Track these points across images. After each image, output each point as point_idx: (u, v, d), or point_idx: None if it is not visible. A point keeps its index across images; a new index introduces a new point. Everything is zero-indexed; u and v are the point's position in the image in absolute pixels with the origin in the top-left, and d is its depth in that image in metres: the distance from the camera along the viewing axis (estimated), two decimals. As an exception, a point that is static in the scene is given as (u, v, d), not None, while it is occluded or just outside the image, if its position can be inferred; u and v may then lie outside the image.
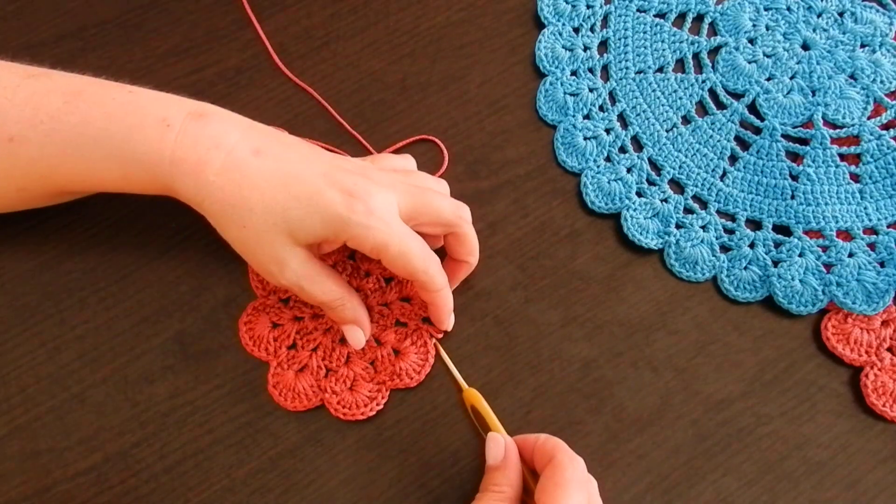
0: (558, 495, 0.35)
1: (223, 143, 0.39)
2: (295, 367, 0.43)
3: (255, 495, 0.41)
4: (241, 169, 0.38)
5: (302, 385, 0.43)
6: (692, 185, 0.48)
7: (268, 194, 0.38)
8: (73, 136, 0.39)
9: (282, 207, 0.38)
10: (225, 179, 0.38)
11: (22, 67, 0.41)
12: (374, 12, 0.53)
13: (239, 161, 0.38)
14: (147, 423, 0.43)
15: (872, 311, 0.45)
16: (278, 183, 0.38)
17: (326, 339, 0.44)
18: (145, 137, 0.38)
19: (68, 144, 0.39)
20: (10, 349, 0.44)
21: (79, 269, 0.45)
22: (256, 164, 0.39)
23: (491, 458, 0.39)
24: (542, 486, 0.36)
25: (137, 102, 0.39)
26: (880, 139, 0.48)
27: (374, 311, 0.44)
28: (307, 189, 0.39)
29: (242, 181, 0.38)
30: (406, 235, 0.40)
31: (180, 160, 0.38)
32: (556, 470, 0.36)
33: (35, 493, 0.41)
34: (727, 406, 0.44)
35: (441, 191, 0.45)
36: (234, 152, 0.39)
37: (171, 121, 0.39)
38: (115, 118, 0.39)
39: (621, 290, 0.46)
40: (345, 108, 0.50)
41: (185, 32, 0.52)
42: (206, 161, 0.38)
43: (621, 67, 0.51)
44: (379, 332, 0.44)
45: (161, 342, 0.44)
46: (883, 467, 0.42)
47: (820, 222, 0.47)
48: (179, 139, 0.38)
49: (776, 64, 0.51)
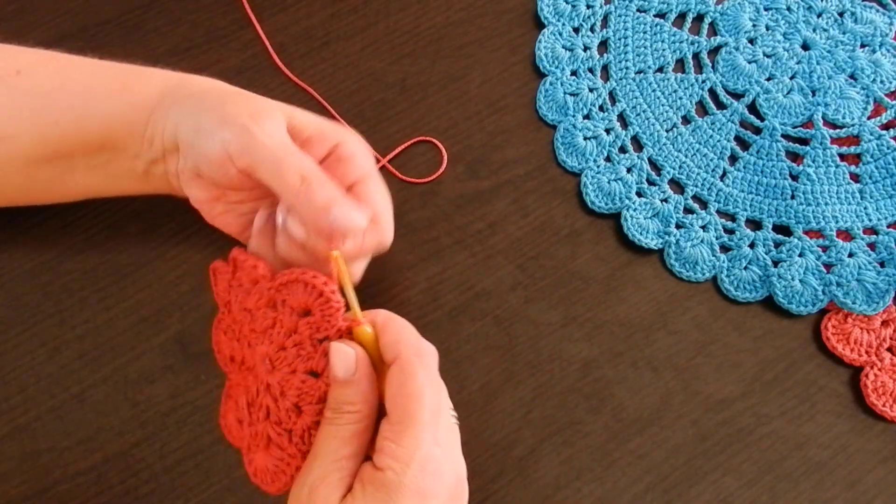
0: (410, 407, 0.32)
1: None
2: (262, 444, 0.36)
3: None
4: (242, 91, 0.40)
5: (273, 462, 0.36)
6: (692, 185, 0.48)
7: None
8: (84, 65, 0.41)
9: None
10: (221, 85, 0.40)
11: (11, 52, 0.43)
12: (374, 12, 0.53)
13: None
14: (147, 423, 0.43)
15: (872, 311, 0.45)
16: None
17: (269, 398, 0.36)
18: (159, 71, 0.41)
19: (76, 71, 0.40)
20: (10, 349, 0.44)
21: (79, 269, 0.45)
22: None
23: (340, 371, 0.34)
24: (390, 396, 0.33)
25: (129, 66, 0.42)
26: (880, 139, 0.48)
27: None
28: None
29: (241, 90, 0.40)
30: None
31: (186, 77, 0.40)
32: (405, 378, 0.33)
33: (35, 493, 0.41)
34: (727, 406, 0.44)
35: None
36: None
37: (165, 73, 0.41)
38: (103, 72, 0.41)
39: (621, 290, 0.46)
40: (345, 108, 0.50)
41: (185, 32, 0.52)
42: (198, 80, 0.40)
43: (621, 67, 0.51)
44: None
45: (161, 342, 0.44)
46: (883, 467, 0.42)
47: (820, 222, 0.47)
48: (172, 75, 0.40)
49: (776, 64, 0.51)
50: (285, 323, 0.36)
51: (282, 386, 0.36)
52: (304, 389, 0.35)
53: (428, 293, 0.44)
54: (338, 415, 0.34)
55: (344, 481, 0.33)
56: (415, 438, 0.32)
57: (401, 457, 0.32)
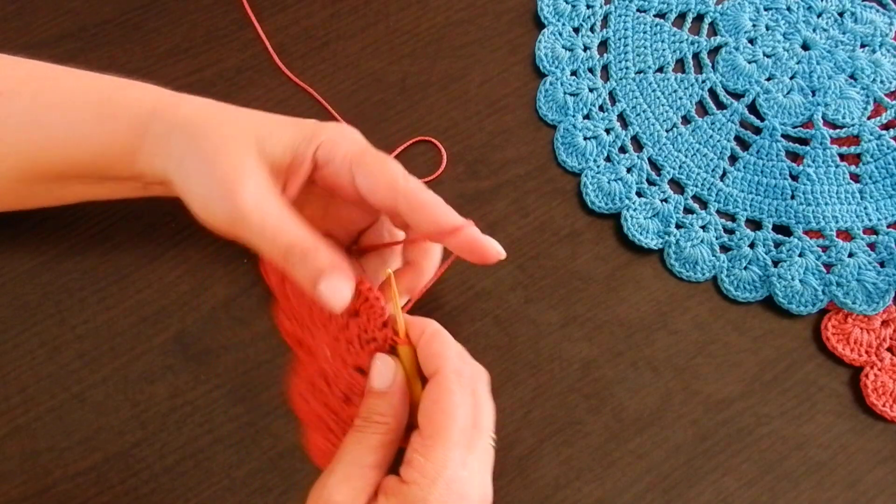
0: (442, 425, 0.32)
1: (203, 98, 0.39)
2: (318, 426, 0.39)
3: (255, 495, 0.41)
4: (222, 105, 0.38)
5: (328, 444, 0.38)
6: (692, 185, 0.48)
7: (245, 115, 0.38)
8: (58, 92, 0.38)
9: (256, 123, 0.37)
10: (203, 109, 0.38)
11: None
12: (374, 12, 0.53)
13: (222, 104, 0.38)
14: (147, 423, 0.43)
15: (872, 311, 0.45)
16: (259, 113, 0.38)
17: (324, 384, 0.39)
18: (138, 89, 0.39)
19: (51, 100, 0.38)
20: (10, 349, 0.44)
21: (79, 269, 0.45)
22: (239, 108, 0.38)
23: (378, 382, 0.34)
24: (425, 411, 0.33)
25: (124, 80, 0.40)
26: (880, 139, 0.48)
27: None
28: (287, 118, 0.38)
29: (221, 109, 0.38)
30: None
31: (164, 101, 0.38)
32: (441, 394, 0.33)
33: (35, 493, 0.41)
34: (727, 406, 0.44)
35: None
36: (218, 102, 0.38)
37: (168, 90, 0.39)
38: (110, 78, 0.39)
39: (621, 290, 0.46)
40: (345, 108, 0.50)
41: (185, 32, 0.52)
42: (190, 100, 0.38)
43: (621, 67, 0.51)
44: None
45: (161, 342, 0.44)
46: (883, 467, 0.42)
47: (820, 222, 0.47)
48: (170, 94, 0.39)
49: (776, 64, 0.51)
50: (338, 319, 0.37)
51: (335, 375, 0.38)
52: (351, 383, 0.37)
53: (428, 293, 0.43)
54: (367, 423, 0.34)
55: (365, 490, 0.33)
56: (444, 456, 0.32)
57: (428, 473, 0.32)
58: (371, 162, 0.37)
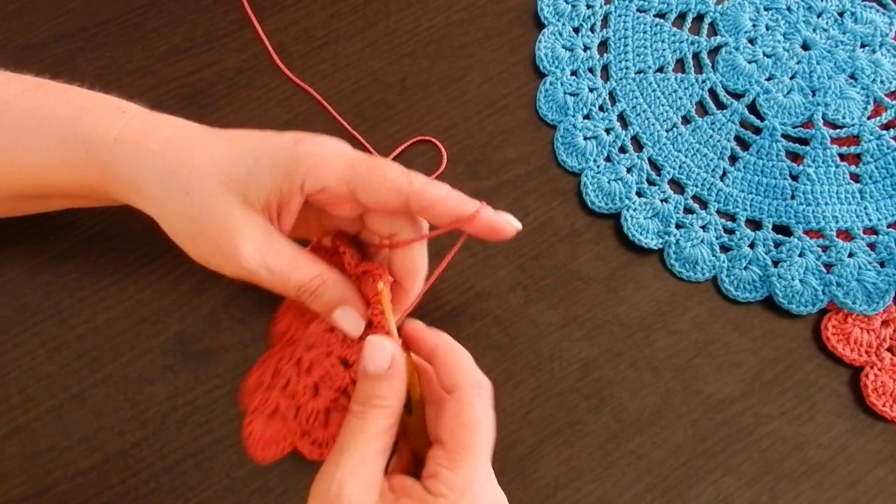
0: (468, 439, 0.33)
1: (174, 122, 0.37)
2: (267, 411, 0.38)
3: (255, 495, 0.41)
4: (187, 136, 0.36)
5: (271, 431, 0.38)
6: (692, 185, 0.48)
7: (214, 152, 0.35)
8: (21, 117, 0.37)
9: (228, 161, 0.35)
10: (168, 147, 0.35)
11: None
12: (374, 12, 0.53)
13: (186, 129, 0.36)
14: (147, 423, 0.43)
15: (872, 311, 0.45)
16: (225, 141, 0.36)
17: (294, 371, 0.38)
18: (95, 119, 0.36)
19: (13, 124, 0.37)
20: (10, 349, 0.44)
21: (79, 269, 0.45)
22: (204, 130, 0.36)
23: (373, 365, 0.34)
24: (447, 425, 0.33)
25: (101, 95, 0.38)
26: (880, 139, 0.48)
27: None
28: (255, 140, 0.36)
29: (185, 144, 0.35)
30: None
31: (125, 137, 0.36)
32: (463, 408, 0.33)
33: (35, 493, 0.41)
34: (727, 406, 0.44)
35: None
36: (182, 126, 0.37)
37: (128, 110, 0.37)
38: (70, 103, 0.37)
39: (621, 290, 0.46)
40: (345, 108, 0.50)
41: (185, 32, 0.52)
42: (151, 134, 0.36)
43: (621, 67, 0.51)
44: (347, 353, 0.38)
45: (161, 342, 0.44)
46: (883, 467, 0.42)
47: (820, 222, 0.47)
48: (129, 122, 0.36)
49: (776, 64, 0.51)
50: None
51: (311, 362, 0.37)
52: (330, 373, 0.36)
53: (428, 293, 0.43)
54: (366, 409, 0.34)
55: (374, 480, 0.33)
56: (471, 469, 0.33)
57: (457, 486, 0.32)
58: (368, 176, 0.35)
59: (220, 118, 0.49)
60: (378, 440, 0.33)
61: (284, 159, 0.35)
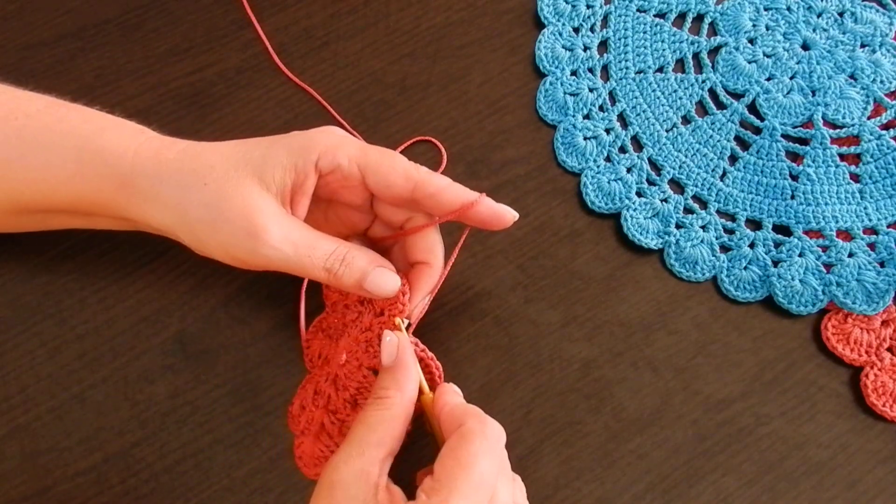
0: (456, 476, 0.31)
1: (186, 140, 0.39)
2: (313, 430, 0.40)
3: (255, 495, 0.41)
4: (200, 145, 0.38)
5: (320, 448, 0.39)
6: (692, 185, 0.48)
7: (226, 149, 0.37)
8: (42, 130, 0.38)
9: (243, 152, 0.37)
10: (184, 154, 0.37)
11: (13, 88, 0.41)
12: (374, 12, 0.53)
13: (200, 143, 0.38)
14: (147, 423, 0.43)
15: (872, 311, 0.45)
16: (238, 142, 0.38)
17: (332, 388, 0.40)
18: (117, 135, 0.38)
19: (34, 137, 0.38)
20: (10, 349, 0.44)
21: (79, 269, 0.45)
22: (220, 142, 0.38)
23: (386, 358, 0.36)
24: (442, 455, 0.33)
25: (120, 119, 0.39)
26: (880, 139, 0.48)
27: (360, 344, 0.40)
28: (267, 138, 0.38)
29: (199, 149, 0.37)
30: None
31: (144, 150, 0.37)
32: (462, 440, 0.33)
33: (35, 493, 0.41)
34: (727, 406, 0.44)
35: None
36: (195, 142, 0.38)
37: (146, 131, 0.39)
38: (92, 120, 0.38)
39: (621, 290, 0.46)
40: (345, 108, 0.50)
41: (185, 32, 0.52)
42: (168, 147, 0.38)
43: (621, 67, 0.51)
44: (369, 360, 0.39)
45: (161, 342, 0.44)
46: (883, 467, 0.42)
47: (820, 222, 0.47)
48: (147, 140, 0.38)
49: (776, 64, 0.51)
50: (364, 320, 0.39)
51: (346, 378, 0.38)
52: (363, 384, 0.38)
53: (428, 293, 0.43)
54: (370, 401, 0.35)
55: (366, 470, 0.33)
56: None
57: None
58: (379, 159, 0.37)
59: (220, 118, 0.49)
60: (374, 431, 0.34)
61: (299, 140, 0.37)
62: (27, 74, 0.50)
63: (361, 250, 0.37)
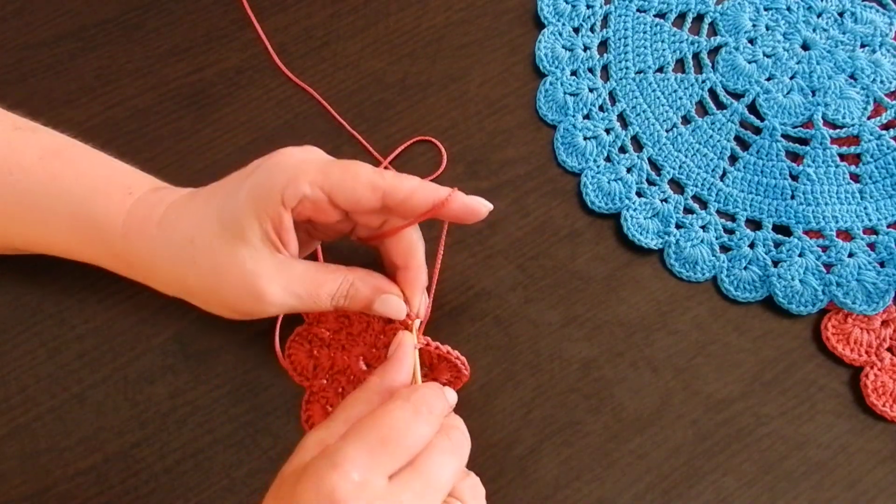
0: (366, 419, 0.33)
1: (167, 198, 0.39)
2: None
3: (255, 495, 0.41)
4: (175, 212, 0.38)
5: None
6: (692, 185, 0.48)
7: (199, 209, 0.37)
8: (37, 190, 0.39)
9: (215, 213, 0.36)
10: (166, 229, 0.38)
11: (10, 118, 0.42)
12: (374, 12, 0.53)
13: (174, 205, 0.38)
14: (147, 423, 0.43)
15: (872, 311, 0.45)
16: (204, 200, 0.37)
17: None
18: (106, 204, 0.39)
19: (30, 197, 0.39)
20: (10, 349, 0.44)
21: (79, 269, 0.45)
22: (188, 198, 0.38)
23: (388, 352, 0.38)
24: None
25: (112, 167, 0.40)
26: (880, 139, 0.48)
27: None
28: (228, 185, 0.38)
29: (176, 221, 0.38)
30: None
31: (132, 223, 0.38)
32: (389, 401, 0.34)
33: (35, 493, 0.41)
34: (727, 406, 0.44)
35: None
36: (172, 201, 0.38)
37: (135, 189, 0.39)
38: (84, 179, 0.39)
39: (621, 290, 0.46)
40: (345, 108, 0.50)
41: (185, 32, 0.52)
42: (150, 217, 0.38)
43: (621, 67, 0.51)
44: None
45: (161, 342, 0.44)
46: (883, 467, 0.42)
47: (820, 222, 0.47)
48: (135, 204, 0.39)
49: (776, 64, 0.51)
50: (376, 326, 0.42)
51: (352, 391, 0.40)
52: None
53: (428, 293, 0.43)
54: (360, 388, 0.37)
55: (323, 440, 0.34)
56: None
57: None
58: (341, 177, 0.36)
59: (220, 118, 0.49)
60: (345, 409, 0.36)
61: (260, 180, 0.36)
62: (27, 74, 0.50)
63: (363, 280, 0.38)
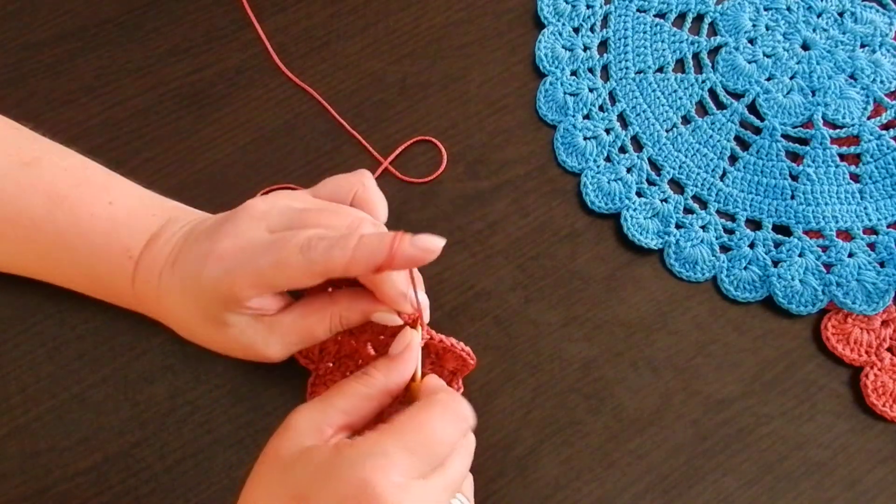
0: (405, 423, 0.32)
1: (156, 265, 0.39)
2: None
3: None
4: (168, 288, 0.39)
5: None
6: (692, 185, 0.48)
7: (182, 297, 0.38)
8: (47, 245, 0.40)
9: (193, 295, 0.37)
10: (163, 302, 0.39)
11: (16, 146, 0.42)
12: (374, 12, 0.53)
13: (165, 283, 0.39)
14: (147, 423, 0.43)
15: (872, 311, 0.45)
16: (183, 274, 0.38)
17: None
18: (109, 266, 0.40)
19: (37, 248, 0.41)
20: (10, 349, 0.44)
21: (79, 269, 0.45)
22: (172, 274, 0.38)
23: (393, 348, 0.37)
24: (401, 412, 0.34)
25: (113, 219, 0.40)
26: (880, 139, 0.48)
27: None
28: (188, 274, 0.38)
29: (162, 295, 0.39)
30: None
31: (139, 288, 0.40)
32: (426, 403, 0.34)
33: (35, 493, 0.41)
34: (727, 406, 0.44)
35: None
36: (162, 276, 0.39)
37: (132, 248, 0.39)
38: (88, 236, 0.40)
39: (621, 290, 0.46)
40: (345, 108, 0.50)
41: (185, 32, 0.52)
42: (150, 291, 0.39)
43: (621, 67, 0.51)
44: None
45: (161, 342, 0.44)
46: (883, 467, 0.42)
47: (820, 222, 0.47)
48: (137, 271, 0.39)
49: (776, 64, 0.51)
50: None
51: None
52: None
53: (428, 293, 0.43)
54: (356, 373, 0.36)
55: (320, 426, 0.34)
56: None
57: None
58: (273, 273, 0.35)
59: (220, 118, 0.49)
60: (345, 398, 0.35)
61: (211, 288, 0.36)
62: (27, 74, 0.50)
63: (349, 308, 0.38)
